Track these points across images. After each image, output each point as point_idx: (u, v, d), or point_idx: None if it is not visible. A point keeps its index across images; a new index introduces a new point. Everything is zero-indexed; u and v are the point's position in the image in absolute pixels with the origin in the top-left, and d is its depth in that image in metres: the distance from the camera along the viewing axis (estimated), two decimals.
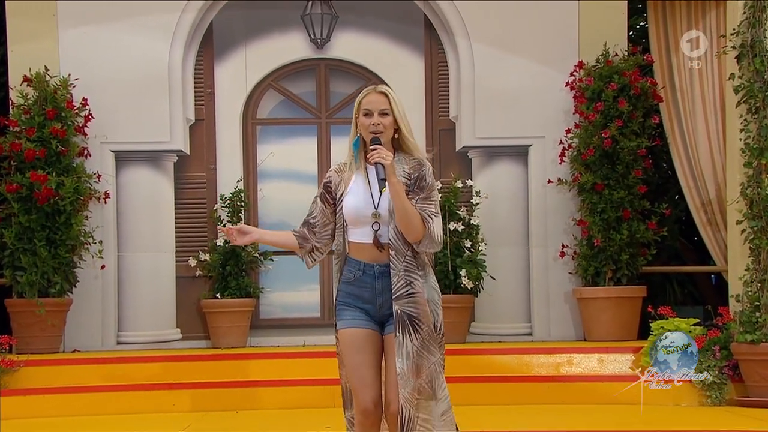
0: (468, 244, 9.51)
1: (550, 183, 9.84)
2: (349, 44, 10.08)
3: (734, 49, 8.57)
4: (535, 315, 9.92)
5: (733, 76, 8.59)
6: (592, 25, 9.81)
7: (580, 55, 9.79)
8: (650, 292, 9.78)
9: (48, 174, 9.09)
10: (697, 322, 8.60)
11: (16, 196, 9.13)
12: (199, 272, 9.79)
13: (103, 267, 9.59)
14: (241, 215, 9.77)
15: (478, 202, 9.67)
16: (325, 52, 10.09)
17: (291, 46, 10.08)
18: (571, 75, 9.74)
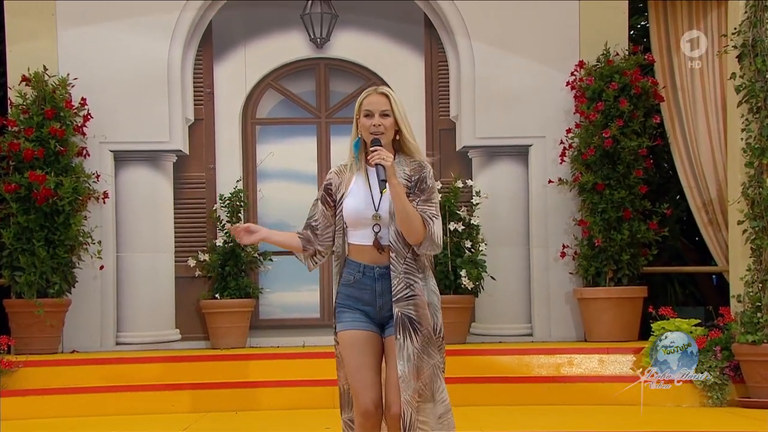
0: (468, 244, 9.49)
1: (550, 183, 9.83)
2: (348, 44, 10.07)
3: (735, 48, 8.57)
4: (536, 315, 9.91)
5: (734, 76, 8.58)
6: (593, 25, 9.80)
7: (580, 55, 9.78)
8: (651, 293, 9.76)
9: (46, 174, 9.08)
10: (699, 322, 8.61)
11: (15, 196, 9.11)
12: (198, 272, 9.78)
13: (101, 267, 9.58)
14: (241, 215, 9.76)
15: (478, 202, 9.66)
16: (325, 52, 10.08)
17: (291, 45, 10.07)
18: (572, 74, 9.73)
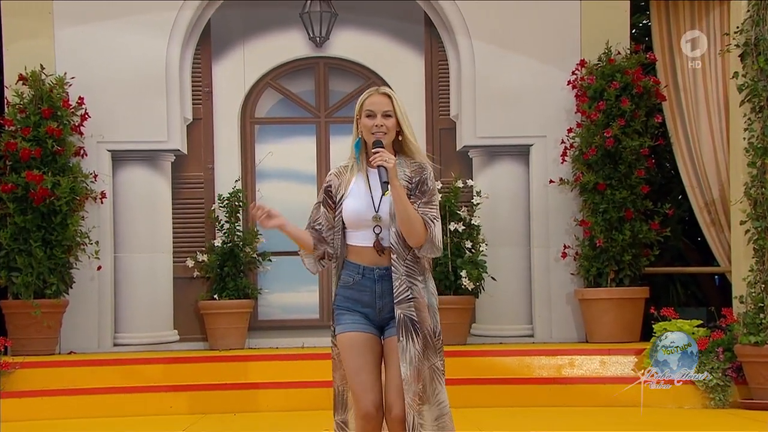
0: (469, 244, 9.47)
1: (551, 183, 9.80)
2: (348, 42, 10.04)
3: (738, 47, 8.58)
4: (537, 316, 9.89)
5: (736, 75, 8.59)
6: (595, 23, 9.78)
7: (582, 54, 9.77)
8: (653, 293, 9.74)
9: (44, 174, 9.07)
10: (701, 323, 8.64)
11: (12, 196, 9.09)
12: (196, 273, 9.75)
13: (99, 268, 9.55)
14: (239, 216, 9.72)
15: (478, 202, 9.63)
16: (325, 51, 10.06)
17: (290, 44, 10.05)
18: (573, 73, 9.71)
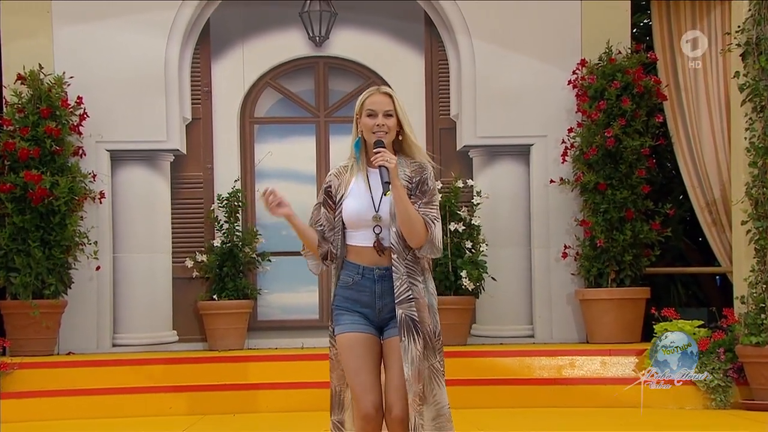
0: (469, 244, 9.45)
1: (552, 183, 9.78)
2: (348, 42, 10.02)
3: (739, 46, 8.58)
4: (537, 317, 9.87)
5: (738, 74, 8.59)
6: (595, 23, 9.77)
7: (582, 53, 9.75)
8: (654, 294, 9.73)
9: (42, 174, 9.05)
10: (702, 324, 8.63)
11: (10, 196, 9.06)
12: (195, 273, 9.73)
13: (98, 268, 9.52)
14: (239, 216, 9.70)
15: (479, 203, 9.61)
16: (324, 50, 10.04)
17: (289, 43, 10.03)
18: (574, 73, 9.69)
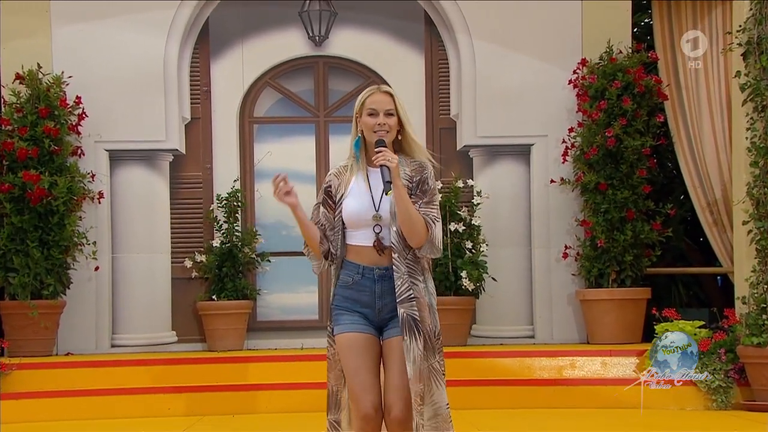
0: (469, 245, 9.44)
1: (552, 183, 9.76)
2: (348, 41, 10.00)
3: (740, 46, 8.59)
4: (538, 317, 9.85)
5: (739, 74, 8.59)
6: (596, 22, 9.75)
7: (583, 53, 9.73)
8: (655, 294, 9.71)
9: (41, 174, 9.03)
10: (703, 324, 8.63)
11: (8, 196, 9.05)
12: (194, 274, 9.72)
13: (97, 268, 9.51)
14: (238, 216, 9.68)
15: (479, 203, 9.59)
16: (324, 50, 10.02)
17: (289, 43, 10.01)
18: (575, 72, 9.67)
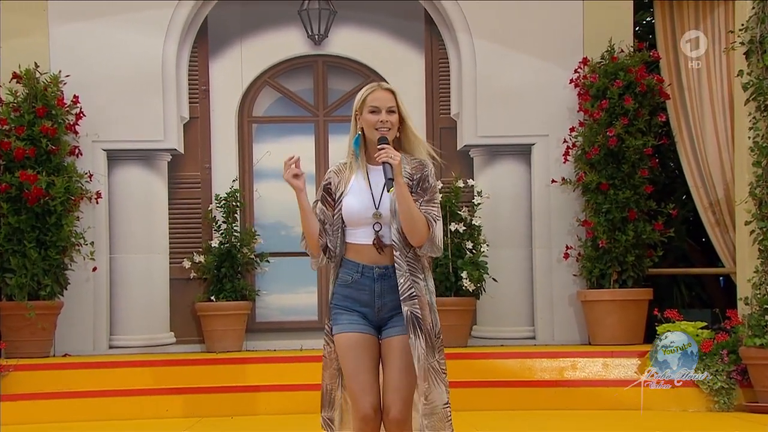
0: (469, 245, 9.42)
1: (553, 183, 9.74)
2: (347, 40, 9.99)
3: (743, 45, 8.64)
4: (539, 318, 9.84)
5: (741, 73, 8.63)
6: (597, 21, 9.75)
7: (584, 52, 9.73)
8: (657, 295, 9.70)
9: (38, 173, 9.01)
10: (705, 325, 8.64)
11: (5, 196, 9.03)
12: (193, 274, 9.71)
13: (94, 269, 9.50)
14: (237, 216, 9.66)
15: (479, 203, 9.57)
16: (323, 49, 10.00)
17: (288, 42, 10.00)
18: (576, 72, 9.65)
